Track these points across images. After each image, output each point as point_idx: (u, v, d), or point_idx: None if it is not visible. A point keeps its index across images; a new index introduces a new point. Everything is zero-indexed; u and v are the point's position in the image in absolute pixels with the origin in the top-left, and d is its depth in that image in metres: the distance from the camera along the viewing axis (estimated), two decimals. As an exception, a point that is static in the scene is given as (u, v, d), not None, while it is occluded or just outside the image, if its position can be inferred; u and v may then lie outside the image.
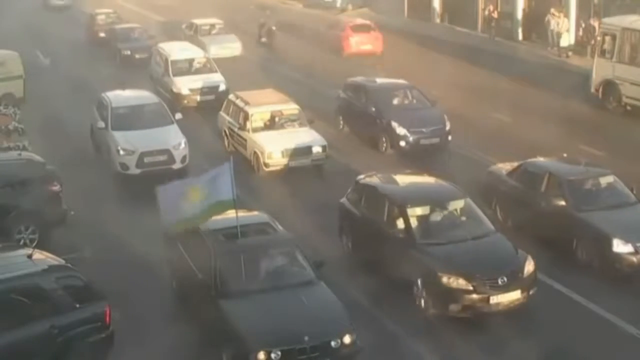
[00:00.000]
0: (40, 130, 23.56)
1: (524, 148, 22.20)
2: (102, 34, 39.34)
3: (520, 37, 37.89)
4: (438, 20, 44.39)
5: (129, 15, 43.36)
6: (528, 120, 25.02)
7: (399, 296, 14.21)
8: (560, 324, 13.77)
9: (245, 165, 21.13)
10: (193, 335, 13.12)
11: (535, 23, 36.49)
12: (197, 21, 37.02)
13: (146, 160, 20.56)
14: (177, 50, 30.19)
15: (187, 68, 28.95)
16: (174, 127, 21.66)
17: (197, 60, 29.46)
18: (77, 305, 12.16)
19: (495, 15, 39.42)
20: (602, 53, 26.74)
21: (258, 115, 22.04)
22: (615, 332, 13.62)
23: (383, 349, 12.94)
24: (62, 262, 12.78)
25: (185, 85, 27.76)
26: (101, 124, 21.64)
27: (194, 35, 34.96)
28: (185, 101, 27.35)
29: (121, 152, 20.61)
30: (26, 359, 11.72)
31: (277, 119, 22.09)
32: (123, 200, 19.32)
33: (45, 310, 11.89)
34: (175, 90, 27.74)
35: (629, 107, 25.91)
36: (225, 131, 23.21)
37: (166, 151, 20.85)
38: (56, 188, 17.18)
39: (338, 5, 50.62)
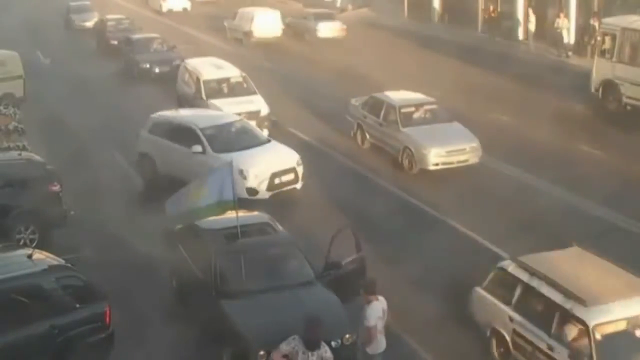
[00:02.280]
0: (40, 130, 23.60)
1: (524, 147, 22.29)
2: (113, 41, 37.01)
3: (520, 37, 37.91)
4: (438, 20, 44.44)
5: (137, 19, 42.74)
6: (528, 120, 25.03)
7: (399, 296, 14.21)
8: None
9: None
10: (193, 335, 13.11)
11: (537, 23, 36.41)
12: (397, 97, 22.68)
13: (276, 181, 18.89)
14: (209, 67, 26.31)
15: (222, 89, 25.37)
16: (279, 144, 20.02)
17: (233, 80, 25.73)
18: (77, 305, 12.15)
19: (494, 15, 39.50)
20: (602, 53, 26.76)
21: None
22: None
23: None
24: (62, 262, 12.76)
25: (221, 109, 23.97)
26: (197, 148, 19.18)
27: (389, 125, 21.88)
28: None
29: (250, 175, 18.57)
30: (26, 359, 11.71)
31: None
32: (123, 200, 19.32)
33: (45, 310, 11.87)
34: None
35: (629, 107, 25.91)
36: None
37: (292, 169, 19.17)
38: (56, 188, 17.16)
39: (338, 5, 50.66)
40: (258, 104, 24.35)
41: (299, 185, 19.13)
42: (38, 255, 12.70)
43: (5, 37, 33.81)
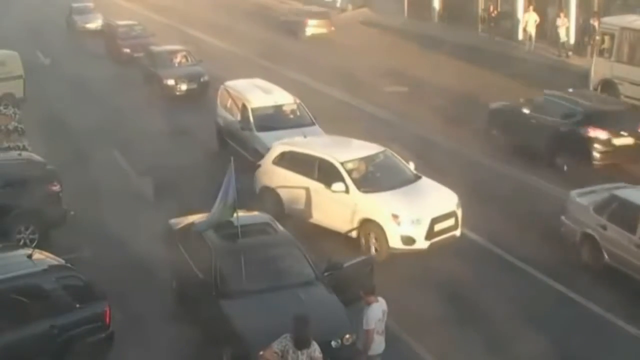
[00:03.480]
0: (40, 130, 23.59)
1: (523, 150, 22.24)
2: (126, 49, 35.10)
3: (520, 37, 37.90)
4: (438, 20, 44.42)
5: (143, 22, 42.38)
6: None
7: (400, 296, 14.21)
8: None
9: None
10: (193, 335, 13.11)
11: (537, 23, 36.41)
12: None
13: (436, 228, 15.98)
14: (256, 92, 22.12)
15: (273, 119, 21.21)
16: (432, 182, 17.10)
17: (286, 108, 21.85)
18: (77, 305, 12.15)
19: (494, 14, 39.50)
20: (601, 52, 26.80)
21: None
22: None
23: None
24: (62, 262, 12.77)
25: (273, 144, 19.50)
26: (339, 187, 16.36)
27: None
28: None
29: (406, 221, 15.78)
30: (26, 359, 11.71)
31: None
32: (123, 200, 19.29)
33: (45, 310, 11.88)
34: (261, 150, 19.70)
35: None
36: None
37: (452, 214, 16.29)
38: (56, 188, 17.17)
39: (338, 5, 50.64)
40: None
41: (458, 232, 16.37)
42: (38, 255, 12.72)
43: (5, 37, 33.77)
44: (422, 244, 15.83)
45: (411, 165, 17.40)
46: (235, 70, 26.95)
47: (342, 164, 16.73)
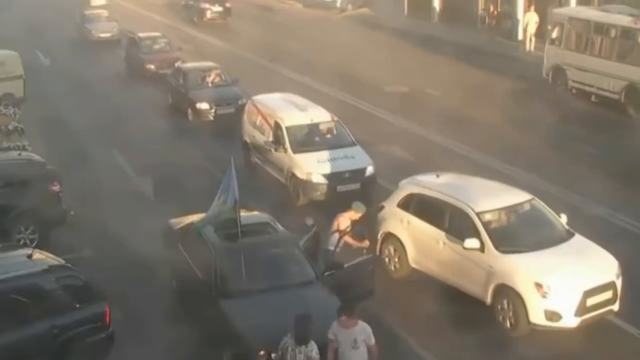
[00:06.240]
0: (40, 130, 23.59)
1: (522, 148, 22.30)
2: (150, 66, 31.15)
3: (520, 37, 37.89)
4: (438, 20, 44.40)
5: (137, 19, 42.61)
6: (527, 120, 25.03)
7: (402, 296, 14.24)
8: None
9: None
10: (193, 335, 13.11)
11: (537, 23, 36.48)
12: None
13: (589, 302, 13.03)
14: (290, 109, 20.11)
15: (310, 139, 19.40)
16: (588, 242, 14.11)
17: (323, 126, 19.79)
18: (77, 305, 12.15)
19: (494, 15, 39.47)
20: (552, 41, 28.68)
21: None
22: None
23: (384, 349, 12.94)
24: (62, 262, 12.77)
25: (313, 167, 18.41)
26: (472, 243, 13.64)
27: None
28: (318, 192, 18.15)
29: (552, 292, 12.94)
30: (26, 359, 11.71)
31: None
32: (123, 199, 19.30)
33: (45, 310, 11.87)
34: (299, 175, 18.38)
35: (574, 91, 27.63)
36: None
37: (611, 285, 13.30)
38: (56, 188, 17.17)
39: (338, 5, 50.62)
40: (360, 159, 18.68)
41: (616, 307, 13.40)
42: (38, 255, 12.72)
43: (5, 37, 33.75)
44: (570, 321, 12.95)
45: (563, 219, 14.53)
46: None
47: (478, 214, 14.01)
